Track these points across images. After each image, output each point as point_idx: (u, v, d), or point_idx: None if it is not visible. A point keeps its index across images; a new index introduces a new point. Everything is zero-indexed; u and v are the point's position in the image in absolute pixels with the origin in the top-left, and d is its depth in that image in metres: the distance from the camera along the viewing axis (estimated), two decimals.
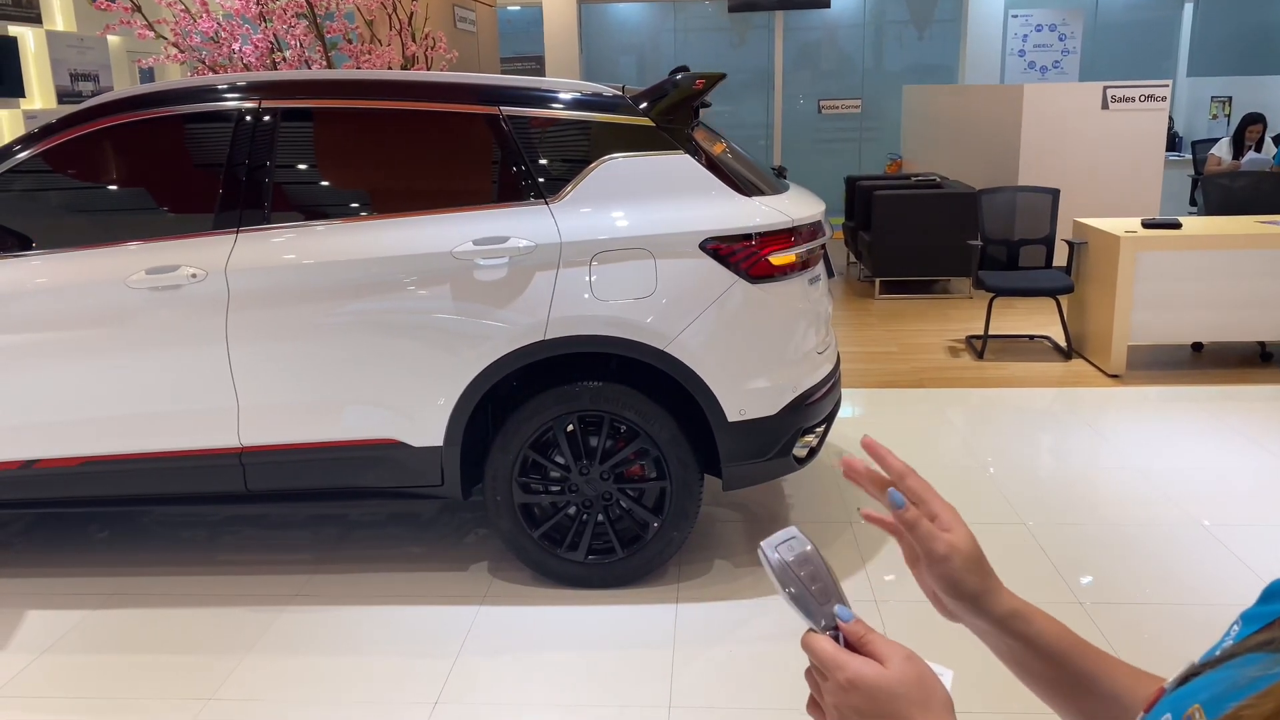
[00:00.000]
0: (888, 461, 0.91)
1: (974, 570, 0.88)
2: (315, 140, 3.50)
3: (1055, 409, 5.46)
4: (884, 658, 0.76)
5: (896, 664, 0.75)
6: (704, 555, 3.74)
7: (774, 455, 3.44)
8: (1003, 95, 8.73)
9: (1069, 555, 3.67)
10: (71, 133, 3.44)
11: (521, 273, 3.26)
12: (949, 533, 0.88)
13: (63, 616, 3.43)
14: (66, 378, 3.37)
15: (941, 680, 0.77)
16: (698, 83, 3.40)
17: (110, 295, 3.32)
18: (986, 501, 4.16)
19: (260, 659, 3.15)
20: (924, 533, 0.88)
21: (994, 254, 6.72)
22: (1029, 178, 7.98)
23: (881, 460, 0.92)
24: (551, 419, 3.36)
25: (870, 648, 0.77)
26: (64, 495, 3.52)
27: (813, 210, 3.50)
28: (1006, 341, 6.75)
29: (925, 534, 0.88)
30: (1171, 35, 12.85)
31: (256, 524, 4.17)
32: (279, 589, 3.59)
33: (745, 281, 3.29)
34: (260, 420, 3.38)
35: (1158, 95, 8.05)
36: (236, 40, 5.48)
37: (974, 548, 0.89)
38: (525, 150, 3.37)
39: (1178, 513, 4.00)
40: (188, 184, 3.50)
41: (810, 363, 3.52)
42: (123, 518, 4.24)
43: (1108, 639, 3.12)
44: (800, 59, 13.18)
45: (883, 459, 0.92)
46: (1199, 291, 5.82)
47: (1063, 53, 12.33)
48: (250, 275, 3.29)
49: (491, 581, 3.60)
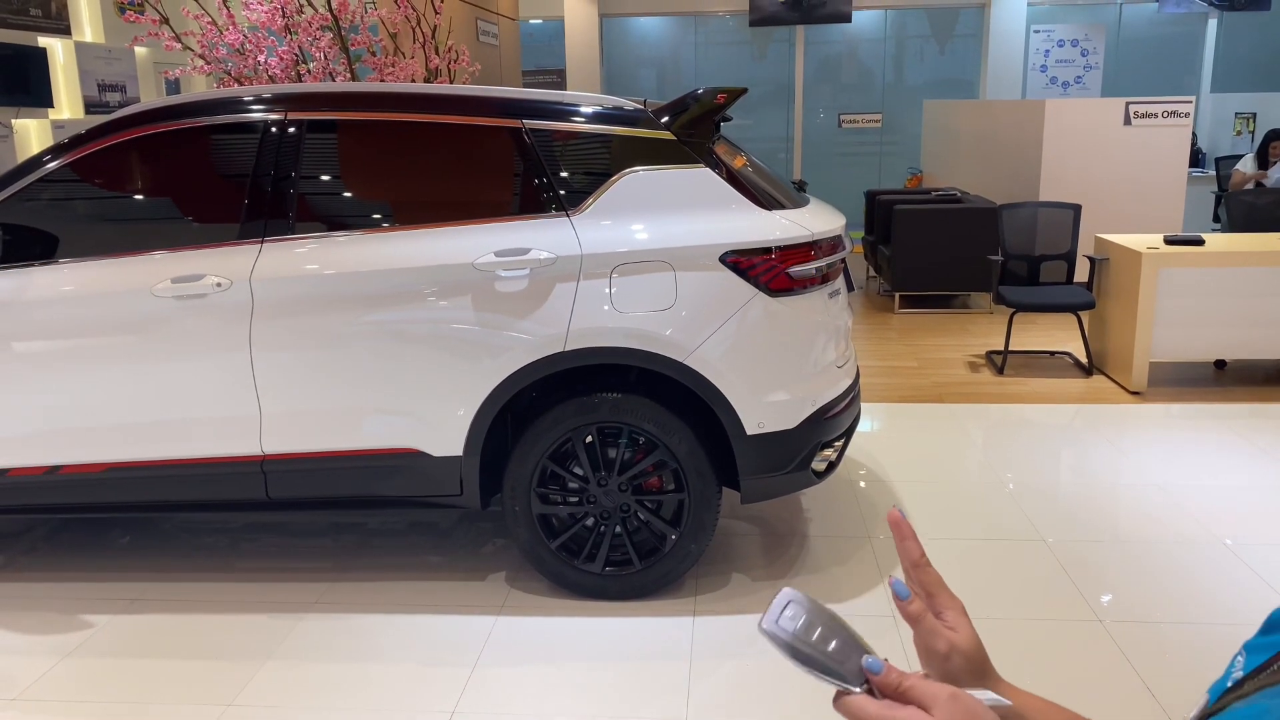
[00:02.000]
0: (907, 544, 0.88)
1: (974, 671, 0.85)
2: (339, 152, 3.53)
3: (1076, 425, 5.44)
4: (928, 702, 0.73)
5: (943, 707, 0.73)
6: (721, 568, 3.74)
7: (793, 469, 3.44)
8: (1024, 110, 8.72)
9: (1089, 573, 3.65)
10: (100, 143, 3.49)
11: (542, 284, 3.28)
12: (953, 631, 0.85)
13: (86, 621, 3.47)
14: (91, 384, 3.41)
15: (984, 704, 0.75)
16: (719, 97, 3.41)
17: (136, 303, 3.36)
18: (1006, 518, 4.14)
19: (280, 665, 3.17)
20: (927, 628, 0.84)
21: (1015, 269, 6.70)
22: (1050, 193, 7.96)
23: (902, 539, 0.88)
24: (570, 430, 3.37)
25: (911, 694, 0.74)
26: (88, 501, 3.55)
27: (833, 224, 3.51)
28: (1027, 357, 6.72)
29: (928, 629, 0.84)
30: (1195, 51, 12.80)
31: (277, 531, 4.19)
32: (299, 596, 3.61)
33: (765, 295, 3.29)
34: (282, 429, 3.41)
35: (1181, 111, 8.01)
36: (262, 52, 5.55)
37: (976, 648, 0.86)
38: (547, 163, 3.39)
39: (1199, 531, 3.97)
40: (213, 194, 3.54)
41: (829, 376, 3.52)
42: (145, 523, 4.28)
43: (1128, 657, 3.09)
44: (821, 73, 13.21)
45: (903, 539, 0.88)
46: (1222, 308, 5.79)
47: (1085, 68, 12.30)
48: (274, 285, 3.33)
49: (509, 591, 3.61)
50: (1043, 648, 3.19)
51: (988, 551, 3.85)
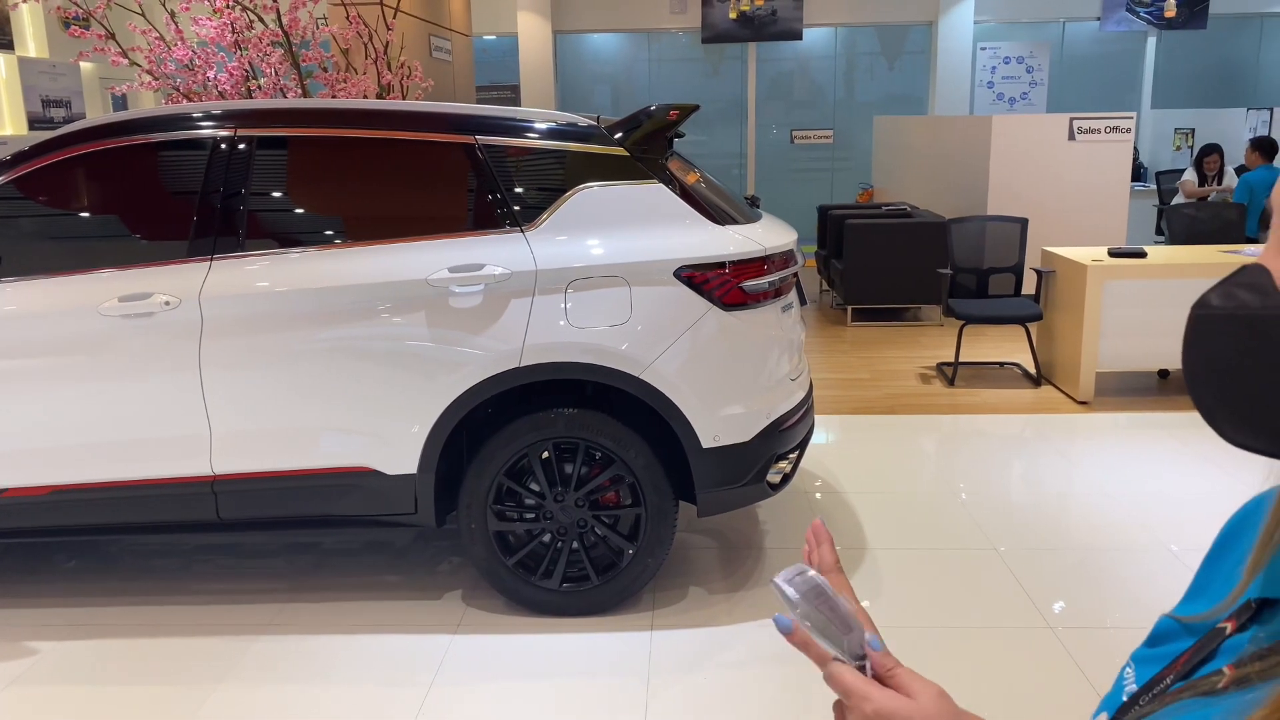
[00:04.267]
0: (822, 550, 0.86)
1: None
2: (290, 168, 3.51)
3: (1025, 435, 5.52)
4: (913, 693, 0.74)
5: (926, 700, 0.73)
6: (679, 582, 3.74)
7: (748, 481, 3.46)
8: (972, 126, 8.88)
9: (1040, 581, 3.70)
10: (45, 159, 3.44)
11: (497, 300, 3.28)
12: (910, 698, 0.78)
13: (30, 648, 3.38)
14: (37, 405, 3.34)
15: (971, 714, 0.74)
16: (671, 113, 3.44)
17: (82, 322, 3.30)
18: (958, 527, 4.19)
19: (234, 689, 3.12)
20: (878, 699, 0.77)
21: (964, 282, 6.80)
22: (998, 207, 8.11)
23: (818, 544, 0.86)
24: (526, 446, 3.37)
25: (897, 680, 0.75)
26: (33, 525, 3.47)
27: (785, 239, 3.55)
28: (977, 368, 6.82)
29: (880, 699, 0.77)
30: (1136, 68, 13.12)
31: (229, 553, 4.13)
32: (252, 618, 3.56)
33: (719, 309, 3.32)
34: (233, 448, 3.37)
35: (1123, 127, 8.21)
36: (211, 68, 5.50)
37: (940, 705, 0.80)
38: (501, 179, 3.40)
39: (1146, 538, 4.05)
40: (162, 211, 3.49)
41: (784, 389, 3.55)
42: (91, 546, 4.19)
43: (1079, 664, 3.14)
44: (773, 90, 13.35)
45: (820, 543, 0.87)
46: (1165, 319, 5.92)
47: (1030, 84, 12.56)
48: (224, 303, 3.29)
49: (465, 610, 3.58)
50: (995, 656, 3.23)
51: (940, 561, 3.89)
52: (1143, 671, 0.72)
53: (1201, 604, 0.73)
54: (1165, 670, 0.69)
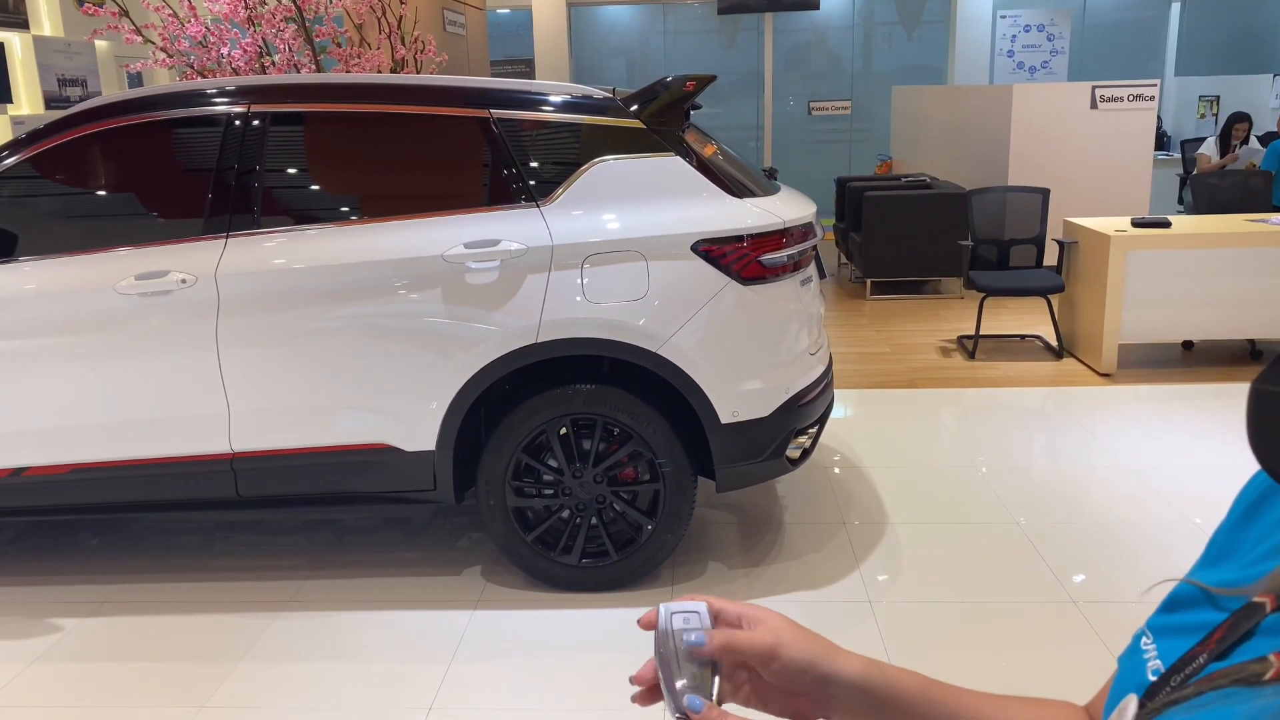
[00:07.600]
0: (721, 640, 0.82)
1: (804, 638, 0.82)
2: (305, 144, 3.49)
3: (1047, 408, 5.48)
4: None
5: None
6: (698, 557, 3.73)
7: (767, 456, 3.44)
8: (992, 96, 8.76)
9: (1062, 554, 3.67)
10: (60, 138, 3.43)
11: (513, 276, 3.26)
12: (761, 624, 0.82)
13: (54, 625, 3.41)
14: (56, 384, 3.35)
15: None
16: (688, 84, 3.40)
17: (99, 301, 3.30)
18: (979, 501, 4.16)
19: (253, 666, 3.14)
20: (743, 641, 0.80)
21: (984, 254, 6.73)
22: (1018, 178, 8.00)
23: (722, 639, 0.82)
24: (544, 422, 3.35)
25: None
26: (55, 503, 3.50)
27: (804, 211, 3.51)
28: (998, 341, 6.76)
29: (744, 641, 0.80)
30: (1159, 35, 12.91)
31: (249, 530, 4.15)
32: (272, 595, 3.57)
33: (737, 283, 3.29)
34: (252, 426, 3.37)
35: (1146, 95, 8.08)
36: (225, 44, 5.47)
37: (789, 621, 0.83)
38: (516, 153, 3.36)
39: (1170, 511, 4.01)
40: (177, 189, 3.48)
41: (803, 364, 3.52)
42: (114, 524, 4.22)
43: (1102, 637, 3.12)
44: (790, 61, 13.21)
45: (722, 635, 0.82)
46: (1189, 290, 5.84)
47: (1051, 53, 12.37)
48: (240, 280, 3.28)
49: (485, 586, 3.59)
50: (1017, 629, 3.21)
51: (961, 535, 3.87)
52: (1164, 644, 0.67)
53: (1224, 571, 0.69)
54: (1197, 648, 0.64)
